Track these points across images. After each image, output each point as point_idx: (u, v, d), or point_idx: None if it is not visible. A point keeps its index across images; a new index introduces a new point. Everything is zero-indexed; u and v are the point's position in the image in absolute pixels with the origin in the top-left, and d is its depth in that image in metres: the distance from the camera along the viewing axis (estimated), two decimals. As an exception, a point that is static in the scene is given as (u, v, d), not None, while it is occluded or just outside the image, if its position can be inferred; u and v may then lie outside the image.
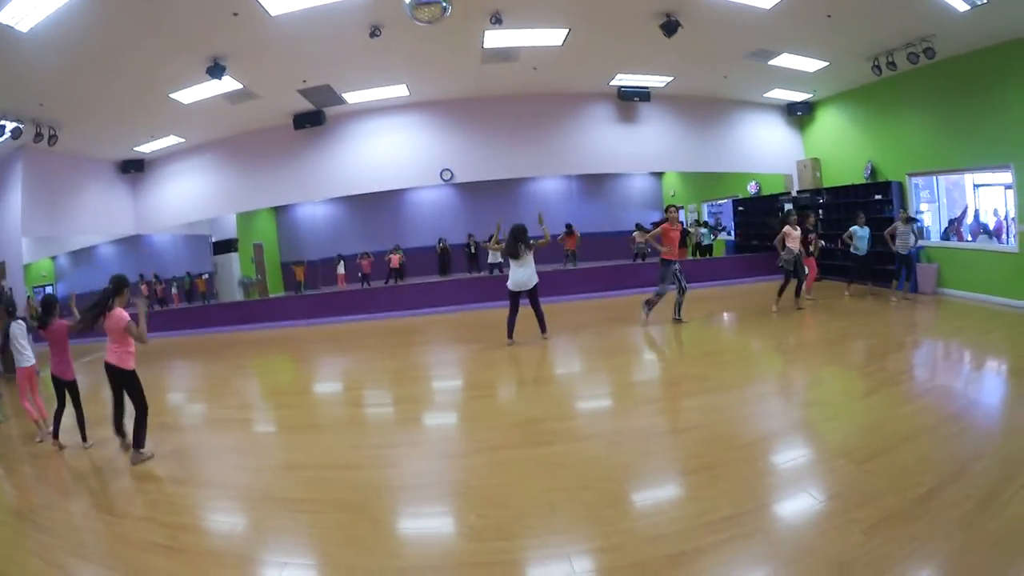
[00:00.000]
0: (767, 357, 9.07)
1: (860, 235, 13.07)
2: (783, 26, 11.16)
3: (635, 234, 18.97)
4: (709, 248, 20.34)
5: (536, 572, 3.76)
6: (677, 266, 11.25)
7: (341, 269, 21.36)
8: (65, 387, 7.18)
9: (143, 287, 19.64)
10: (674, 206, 11.52)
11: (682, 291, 11.40)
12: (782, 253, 12.03)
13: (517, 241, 10.43)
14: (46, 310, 7.30)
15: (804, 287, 12.78)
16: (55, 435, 7.11)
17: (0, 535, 4.89)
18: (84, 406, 7.17)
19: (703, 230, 20.73)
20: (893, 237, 12.39)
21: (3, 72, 9.93)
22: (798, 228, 12.20)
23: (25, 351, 8.10)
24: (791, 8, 10.22)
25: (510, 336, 10.75)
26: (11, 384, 8.63)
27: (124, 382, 6.37)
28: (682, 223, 11.27)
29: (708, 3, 10.16)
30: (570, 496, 4.53)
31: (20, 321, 8.29)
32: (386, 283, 19.87)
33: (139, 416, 6.29)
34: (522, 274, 10.46)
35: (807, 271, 12.52)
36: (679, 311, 11.50)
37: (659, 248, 11.24)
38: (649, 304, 11.51)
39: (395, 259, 20.24)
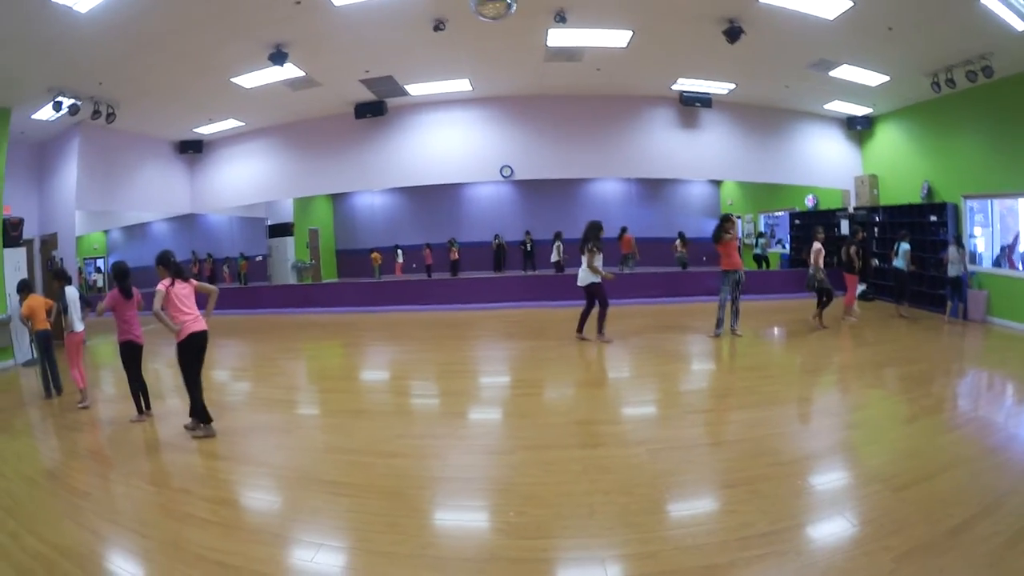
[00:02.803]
0: (812, 375, 9.02)
1: (904, 249, 12.97)
2: (845, 37, 11.06)
3: (677, 243, 18.93)
4: (765, 259, 20.15)
5: (569, 573, 3.81)
6: (737, 276, 11.12)
7: (400, 258, 21.50)
8: (140, 352, 7.45)
9: (194, 266, 20.06)
10: (729, 216, 11.45)
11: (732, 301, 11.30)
12: (815, 272, 11.91)
13: (584, 239, 10.70)
14: (125, 275, 7.45)
15: (844, 305, 12.82)
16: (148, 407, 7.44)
17: (33, 495, 5.09)
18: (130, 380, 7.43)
19: (760, 240, 20.62)
20: (949, 262, 12.32)
21: (61, 51, 10.09)
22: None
23: (79, 318, 8.36)
24: (853, 19, 10.12)
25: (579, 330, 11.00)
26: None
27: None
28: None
29: (771, 11, 10.08)
30: (610, 500, 4.57)
31: (72, 287, 8.52)
32: (453, 275, 20.17)
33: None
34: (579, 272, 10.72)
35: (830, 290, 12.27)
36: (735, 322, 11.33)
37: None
38: (719, 321, 11.28)
39: (455, 252, 20.53)
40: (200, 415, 6.44)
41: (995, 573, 3.50)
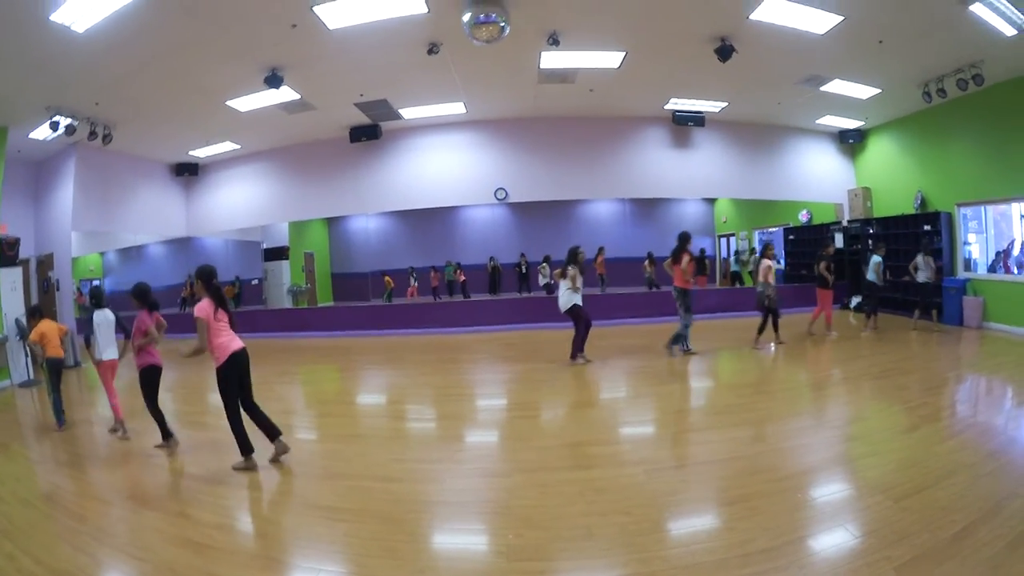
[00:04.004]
0: (805, 390, 9.01)
1: (875, 261, 12.98)
2: (836, 52, 11.20)
3: (645, 263, 18.91)
4: (738, 277, 20.24)
5: (569, 595, 3.79)
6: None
7: (414, 282, 21.47)
8: (159, 374, 7.17)
9: (187, 290, 19.99)
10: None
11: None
12: (764, 290, 11.80)
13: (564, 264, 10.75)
14: (147, 293, 7.25)
15: (824, 322, 12.92)
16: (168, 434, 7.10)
17: (29, 518, 5.09)
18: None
19: (739, 256, 20.68)
20: (916, 269, 12.49)
21: (58, 70, 10.13)
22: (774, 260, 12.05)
23: (112, 344, 7.91)
24: (843, 34, 10.27)
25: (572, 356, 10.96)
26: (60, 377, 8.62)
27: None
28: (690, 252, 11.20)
29: (762, 28, 10.17)
30: (608, 521, 4.56)
31: (107, 311, 8.03)
32: (451, 295, 20.42)
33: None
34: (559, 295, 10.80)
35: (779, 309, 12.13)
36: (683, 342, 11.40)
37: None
38: (680, 338, 11.29)
39: (460, 274, 20.59)
40: (245, 445, 6.24)
41: (997, 577, 3.50)
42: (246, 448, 6.21)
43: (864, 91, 13.48)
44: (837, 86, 13.24)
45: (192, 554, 4.31)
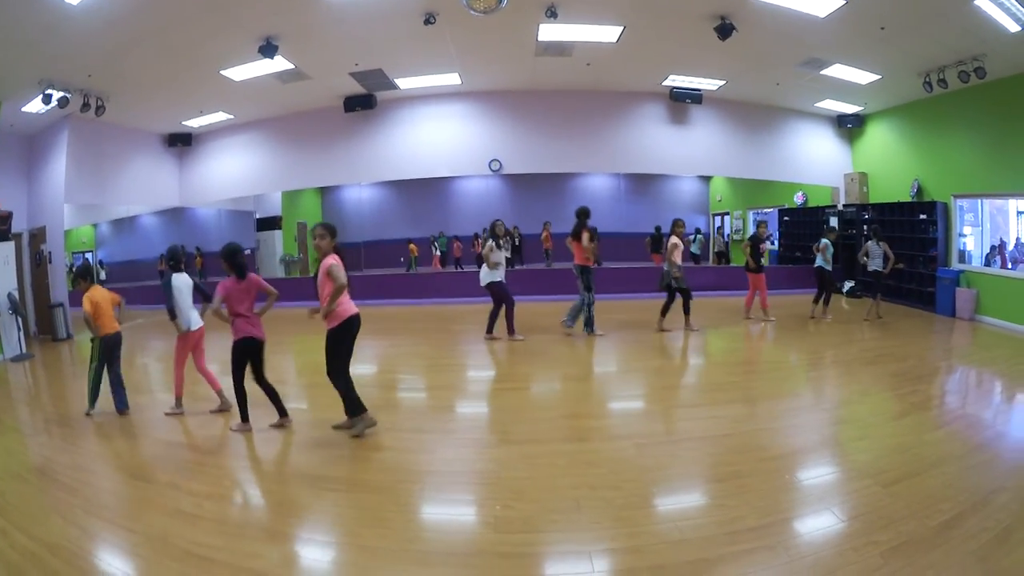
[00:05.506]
0: (797, 370, 9.04)
1: (823, 244, 12.67)
2: (837, 36, 11.14)
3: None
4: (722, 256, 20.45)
5: (556, 567, 3.80)
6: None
7: (436, 251, 21.38)
8: (262, 349, 6.70)
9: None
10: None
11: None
12: (670, 269, 11.26)
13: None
14: (236, 252, 6.60)
15: (760, 306, 12.63)
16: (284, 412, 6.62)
17: (22, 492, 5.06)
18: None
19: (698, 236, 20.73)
20: (868, 255, 12.42)
21: (51, 43, 10.01)
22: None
23: (193, 311, 7.49)
24: (845, 18, 10.19)
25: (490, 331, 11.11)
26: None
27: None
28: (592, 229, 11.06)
29: (763, 8, 10.12)
30: (597, 494, 4.57)
31: (185, 274, 7.54)
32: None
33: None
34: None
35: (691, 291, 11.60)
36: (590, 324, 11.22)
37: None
38: (587, 321, 11.12)
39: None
40: (356, 408, 6.09)
41: (984, 569, 3.51)
42: (357, 408, 6.12)
43: (864, 76, 13.43)
44: (837, 70, 13.19)
45: (183, 524, 4.31)
